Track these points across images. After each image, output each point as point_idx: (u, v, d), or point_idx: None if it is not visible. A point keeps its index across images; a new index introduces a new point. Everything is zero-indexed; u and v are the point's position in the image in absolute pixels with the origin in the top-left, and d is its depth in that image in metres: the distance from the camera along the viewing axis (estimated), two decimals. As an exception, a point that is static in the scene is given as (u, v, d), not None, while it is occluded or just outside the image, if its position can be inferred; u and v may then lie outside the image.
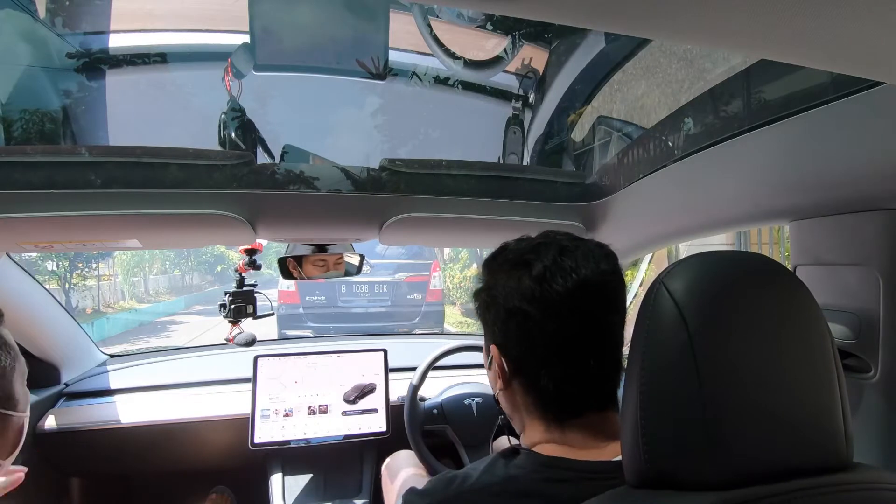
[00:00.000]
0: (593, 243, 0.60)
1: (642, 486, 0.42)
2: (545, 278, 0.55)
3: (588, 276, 0.56)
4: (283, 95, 1.11)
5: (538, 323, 0.56)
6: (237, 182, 0.87)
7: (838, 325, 0.65)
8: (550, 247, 0.58)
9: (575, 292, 0.55)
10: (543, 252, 0.57)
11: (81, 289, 10.89)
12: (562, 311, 0.55)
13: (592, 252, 0.58)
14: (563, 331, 0.55)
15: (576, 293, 0.55)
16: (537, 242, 0.60)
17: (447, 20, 1.01)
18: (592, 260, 0.57)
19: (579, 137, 1.19)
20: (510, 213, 1.02)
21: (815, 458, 0.40)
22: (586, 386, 0.57)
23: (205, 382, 1.51)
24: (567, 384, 0.56)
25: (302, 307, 6.06)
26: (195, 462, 1.53)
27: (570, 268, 0.56)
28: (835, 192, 0.62)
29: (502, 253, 0.62)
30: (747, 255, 0.45)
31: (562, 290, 0.55)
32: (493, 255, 0.63)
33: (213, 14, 1.04)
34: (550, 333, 0.55)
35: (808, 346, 0.42)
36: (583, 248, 0.58)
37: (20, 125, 0.91)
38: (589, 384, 0.58)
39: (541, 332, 0.56)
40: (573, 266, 0.56)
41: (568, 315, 0.55)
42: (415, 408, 1.34)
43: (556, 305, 0.55)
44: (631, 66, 1.04)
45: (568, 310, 0.55)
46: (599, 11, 0.30)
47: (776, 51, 0.35)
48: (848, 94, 0.53)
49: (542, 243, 0.59)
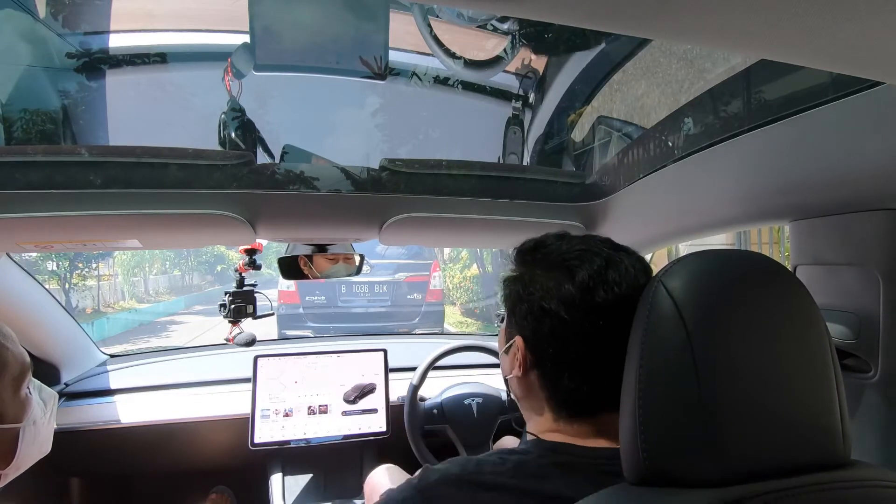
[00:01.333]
0: (636, 257, 0.60)
1: (641, 484, 0.43)
2: (588, 288, 0.56)
3: (628, 291, 0.56)
4: (283, 95, 1.11)
5: (572, 329, 0.56)
6: (237, 182, 0.87)
7: (838, 325, 0.66)
8: (595, 256, 0.58)
9: (614, 306, 0.55)
10: (587, 261, 0.57)
11: (81, 289, 10.89)
12: (598, 322, 0.55)
13: (634, 266, 0.59)
14: (596, 340, 0.55)
15: (615, 307, 0.55)
16: (580, 248, 0.59)
17: (447, 20, 1.01)
18: (633, 275, 0.58)
19: (579, 137, 1.19)
20: (510, 213, 1.02)
21: (812, 456, 0.40)
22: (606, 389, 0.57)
23: (205, 382, 1.51)
24: (587, 386, 0.57)
25: (302, 307, 6.06)
26: (195, 462, 1.53)
27: (614, 281, 0.56)
28: (835, 192, 0.62)
29: (541, 248, 0.62)
30: (746, 254, 0.45)
31: (602, 302, 0.55)
32: (531, 247, 0.63)
33: (213, 14, 1.04)
34: (582, 340, 0.56)
35: (807, 346, 0.42)
36: (626, 261, 0.59)
37: (20, 125, 0.91)
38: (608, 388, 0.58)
39: (573, 338, 0.56)
40: (616, 280, 0.56)
41: (604, 327, 0.55)
42: (415, 408, 1.34)
43: (594, 316, 0.55)
44: (631, 66, 1.04)
45: (605, 322, 0.55)
46: (599, 11, 0.30)
47: (776, 51, 0.35)
48: (848, 94, 0.53)
49: (585, 249, 0.59)
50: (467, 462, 0.58)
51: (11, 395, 0.64)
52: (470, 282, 10.12)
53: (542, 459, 0.55)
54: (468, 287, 10.15)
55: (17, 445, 0.65)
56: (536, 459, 0.56)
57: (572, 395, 0.58)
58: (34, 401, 0.70)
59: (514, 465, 0.55)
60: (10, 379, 0.64)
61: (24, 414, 0.66)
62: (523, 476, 0.54)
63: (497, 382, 1.44)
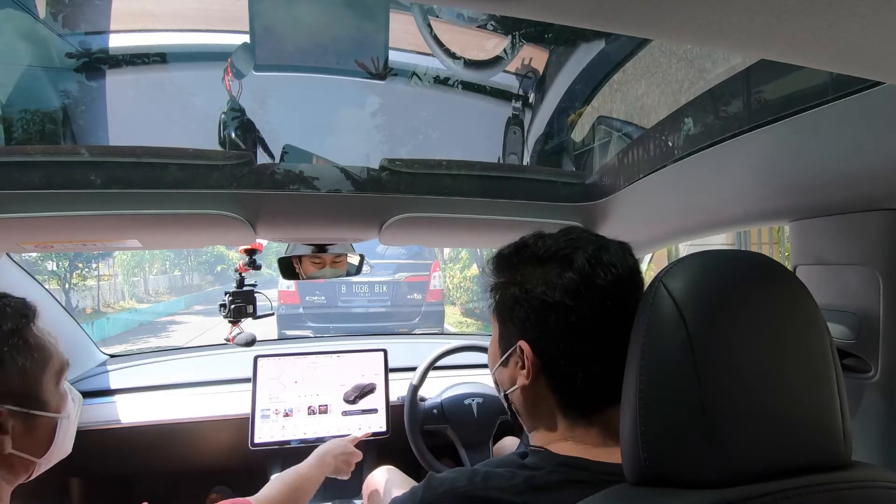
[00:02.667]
0: (618, 241, 0.60)
1: (641, 484, 0.43)
2: (588, 273, 0.55)
3: (623, 272, 0.56)
4: (283, 95, 1.11)
5: (581, 317, 0.55)
6: (237, 182, 0.87)
7: (838, 325, 0.66)
8: (586, 242, 0.58)
9: (615, 287, 0.55)
10: (580, 246, 0.57)
11: (81, 289, 10.89)
12: (605, 305, 0.55)
13: (619, 248, 0.59)
14: (603, 326, 0.55)
15: (616, 288, 0.55)
16: (568, 238, 0.59)
17: (447, 20, 1.01)
18: (623, 256, 0.58)
19: (579, 137, 1.19)
20: (510, 213, 1.02)
21: (813, 457, 0.40)
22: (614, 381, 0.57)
23: (205, 382, 1.51)
24: (599, 379, 0.56)
25: (302, 307, 6.06)
26: (195, 462, 1.53)
27: (610, 262, 0.56)
28: (835, 192, 0.62)
29: (526, 248, 0.61)
30: (747, 254, 0.45)
31: (604, 284, 0.55)
32: (514, 250, 0.62)
33: (213, 14, 1.04)
34: (591, 328, 0.55)
35: (807, 346, 0.42)
36: (612, 245, 0.59)
37: (20, 125, 0.91)
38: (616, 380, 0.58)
39: (583, 327, 0.55)
40: (612, 261, 0.56)
41: (610, 310, 0.55)
42: (415, 408, 1.34)
43: (598, 300, 0.55)
44: (631, 66, 1.04)
45: (610, 304, 0.55)
46: (599, 11, 0.30)
47: (776, 51, 0.35)
48: (848, 94, 0.53)
49: (573, 238, 0.59)
50: (474, 475, 0.55)
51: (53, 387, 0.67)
52: (470, 282, 10.12)
53: (554, 475, 0.53)
54: (468, 287, 10.14)
55: (54, 436, 0.67)
56: (547, 476, 0.53)
57: (583, 390, 0.56)
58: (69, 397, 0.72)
59: (523, 481, 0.53)
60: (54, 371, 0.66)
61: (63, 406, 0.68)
62: (534, 493, 0.52)
63: (497, 382, 1.44)
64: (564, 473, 0.54)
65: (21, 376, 0.61)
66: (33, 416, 0.63)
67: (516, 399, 0.62)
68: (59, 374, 0.68)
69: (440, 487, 0.56)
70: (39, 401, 0.64)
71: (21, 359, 0.61)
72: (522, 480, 0.53)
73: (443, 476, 0.58)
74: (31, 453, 0.64)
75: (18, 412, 0.61)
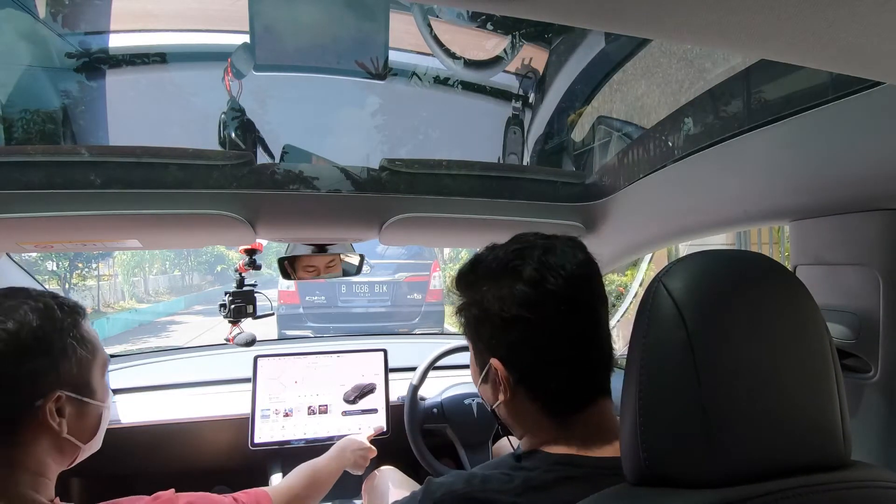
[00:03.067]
0: (564, 237, 0.61)
1: (641, 484, 0.43)
2: (537, 281, 0.56)
3: (574, 269, 0.57)
4: (283, 95, 1.11)
5: (540, 326, 0.56)
6: (237, 182, 0.87)
7: (838, 325, 0.66)
8: (532, 249, 0.58)
9: (567, 289, 0.55)
10: (527, 255, 0.57)
11: (81, 289, 10.89)
12: (560, 309, 0.55)
13: (568, 245, 0.59)
14: (566, 329, 0.56)
15: (568, 289, 0.55)
16: (515, 248, 0.60)
17: (447, 20, 1.01)
18: (571, 253, 0.58)
19: (579, 137, 1.19)
20: (510, 213, 1.02)
21: (812, 457, 0.40)
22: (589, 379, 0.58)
23: (205, 382, 1.51)
24: (574, 380, 0.57)
25: (302, 307, 6.06)
26: (195, 462, 1.52)
27: (557, 265, 0.56)
28: (835, 192, 0.62)
29: (478, 265, 0.61)
30: (747, 254, 0.45)
31: (555, 288, 0.55)
32: (468, 269, 0.63)
33: (213, 14, 1.04)
34: (554, 334, 0.56)
35: (807, 346, 0.42)
36: (559, 244, 0.59)
37: (20, 125, 0.91)
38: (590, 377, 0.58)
39: (544, 335, 0.56)
40: (559, 263, 0.56)
41: (567, 312, 0.55)
42: (415, 407, 1.34)
43: (553, 305, 0.55)
44: (631, 66, 1.04)
45: (566, 308, 0.55)
46: (599, 11, 0.30)
47: (776, 51, 0.35)
48: (848, 94, 0.53)
49: (520, 248, 0.59)
50: (472, 477, 0.56)
51: (100, 379, 0.72)
52: (470, 282, 10.09)
53: (549, 474, 0.54)
54: (468, 287, 10.12)
55: (100, 424, 0.72)
56: (543, 475, 0.54)
57: (561, 394, 0.57)
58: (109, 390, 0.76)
59: (521, 482, 0.54)
60: (100, 364, 0.72)
61: (106, 397, 0.74)
62: (532, 493, 0.53)
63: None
64: (560, 471, 0.54)
65: (78, 366, 0.66)
66: (85, 403, 0.68)
67: (502, 412, 0.63)
68: (104, 368, 0.73)
69: (438, 491, 0.56)
70: (91, 389, 0.69)
71: (80, 350, 0.66)
72: (520, 482, 0.54)
73: (440, 480, 0.58)
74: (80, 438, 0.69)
75: (74, 398, 0.66)
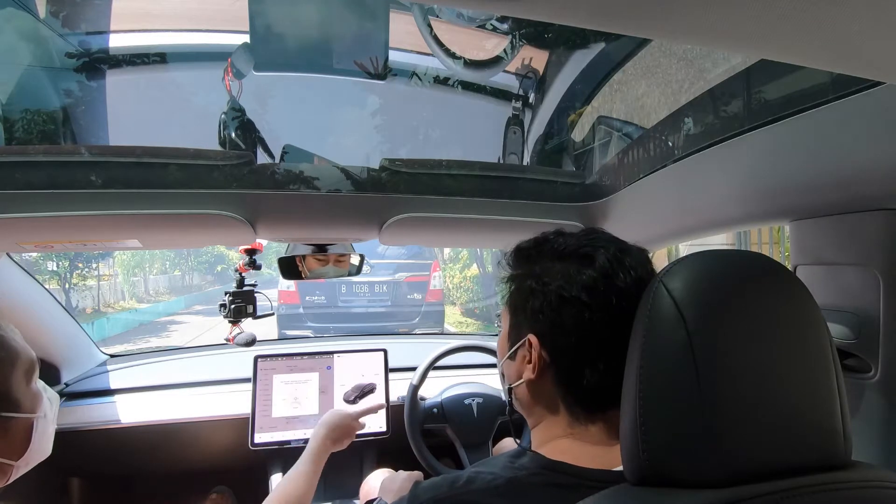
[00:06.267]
0: (637, 247, 0.61)
1: (641, 484, 0.43)
2: (609, 273, 0.56)
3: (643, 276, 0.57)
4: (283, 95, 1.11)
5: (595, 315, 0.55)
6: (237, 182, 0.87)
7: (838, 325, 0.66)
8: (608, 243, 0.59)
9: (632, 290, 0.55)
10: (602, 247, 0.58)
11: (81, 289, 10.89)
12: (620, 306, 0.55)
13: (641, 252, 0.60)
14: (615, 326, 0.55)
15: (632, 291, 0.55)
16: (592, 237, 0.60)
17: (447, 20, 1.01)
18: (643, 259, 0.59)
19: (579, 137, 1.19)
20: (510, 213, 1.02)
21: (813, 457, 0.40)
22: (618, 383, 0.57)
23: (205, 382, 1.51)
24: (608, 377, 0.56)
25: (302, 307, 6.06)
26: (195, 462, 1.53)
27: (630, 265, 0.57)
28: (835, 192, 0.62)
29: (546, 243, 0.62)
30: (747, 254, 0.45)
31: (623, 286, 0.55)
32: (533, 245, 0.63)
33: (213, 14, 1.04)
34: (604, 326, 0.55)
35: (807, 346, 0.42)
36: (633, 248, 0.60)
37: (20, 125, 0.91)
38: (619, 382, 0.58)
39: (596, 325, 0.56)
40: (632, 265, 0.57)
41: (623, 311, 0.55)
42: (415, 407, 1.34)
43: (615, 300, 0.55)
44: (631, 66, 1.04)
45: (624, 306, 0.55)
46: (599, 12, 0.30)
47: (776, 51, 0.35)
48: (848, 94, 0.53)
49: (595, 237, 0.60)
50: (457, 479, 0.56)
51: (25, 387, 0.65)
52: (470, 282, 10.12)
53: (535, 478, 0.54)
54: (468, 287, 10.14)
55: (31, 437, 0.65)
56: (529, 477, 0.54)
57: (590, 388, 0.56)
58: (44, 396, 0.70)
59: (505, 482, 0.54)
60: (23, 371, 0.65)
61: (37, 406, 0.66)
62: (513, 494, 0.53)
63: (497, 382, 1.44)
64: (546, 476, 0.54)
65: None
66: (6, 417, 0.61)
67: (521, 393, 0.63)
68: (30, 374, 0.66)
69: (424, 496, 0.57)
70: (11, 402, 0.62)
71: None
72: (505, 482, 0.54)
73: (426, 484, 0.58)
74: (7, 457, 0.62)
75: None
